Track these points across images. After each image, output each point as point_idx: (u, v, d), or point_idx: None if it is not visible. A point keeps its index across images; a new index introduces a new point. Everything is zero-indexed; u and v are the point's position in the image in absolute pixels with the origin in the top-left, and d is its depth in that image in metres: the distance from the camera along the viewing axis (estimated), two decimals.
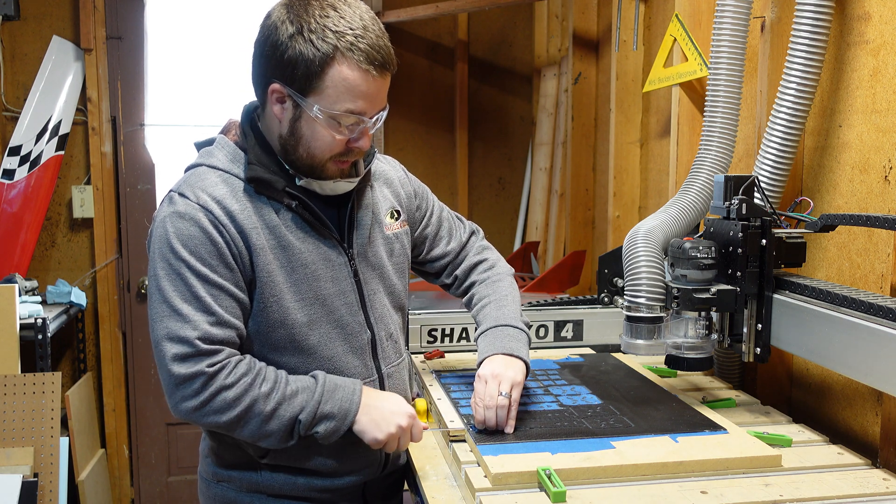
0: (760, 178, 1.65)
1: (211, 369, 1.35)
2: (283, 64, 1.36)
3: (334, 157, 1.42)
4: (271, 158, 1.46)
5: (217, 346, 1.37)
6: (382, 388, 1.56)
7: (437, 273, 1.79)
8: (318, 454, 1.50)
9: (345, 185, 1.49)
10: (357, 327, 1.51)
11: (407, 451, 1.57)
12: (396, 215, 1.62)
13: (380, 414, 1.43)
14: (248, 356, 1.42)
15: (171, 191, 1.44)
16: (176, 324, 1.36)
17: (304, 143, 1.41)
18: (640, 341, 1.63)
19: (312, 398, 1.40)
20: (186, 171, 1.49)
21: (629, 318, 1.64)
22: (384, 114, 1.43)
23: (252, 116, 1.49)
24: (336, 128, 1.39)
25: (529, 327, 1.69)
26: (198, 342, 1.35)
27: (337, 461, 1.51)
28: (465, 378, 1.82)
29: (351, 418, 1.41)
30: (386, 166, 1.69)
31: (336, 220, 1.51)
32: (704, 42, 2.08)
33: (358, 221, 1.53)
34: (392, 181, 1.66)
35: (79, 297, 3.39)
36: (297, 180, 1.46)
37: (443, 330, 2.13)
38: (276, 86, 1.39)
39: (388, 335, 1.58)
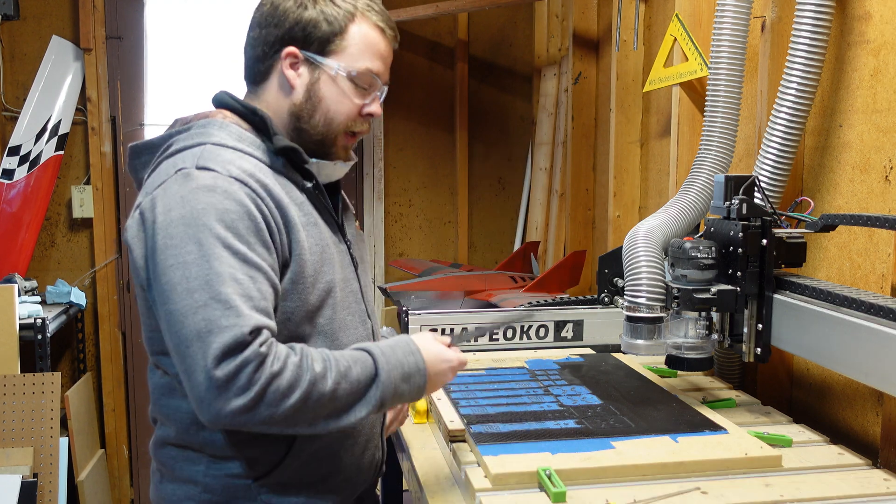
0: (761, 177, 1.64)
1: (258, 358, 1.15)
2: (301, 26, 1.33)
3: (352, 125, 1.39)
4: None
5: (260, 334, 1.18)
6: None
7: None
8: (313, 470, 1.37)
9: (342, 169, 1.46)
10: (363, 315, 1.46)
11: (407, 450, 1.57)
12: (357, 219, 1.61)
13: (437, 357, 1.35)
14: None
15: (179, 169, 1.25)
16: (215, 312, 1.15)
17: (324, 107, 1.36)
18: (640, 341, 1.63)
19: (375, 362, 1.27)
20: (174, 153, 1.31)
21: (629, 318, 1.64)
22: (386, 90, 1.43)
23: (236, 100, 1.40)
24: (354, 89, 1.36)
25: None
26: (243, 330, 1.14)
27: (332, 473, 1.39)
28: (464, 378, 1.82)
29: (422, 366, 1.31)
30: None
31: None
32: (705, 42, 2.08)
33: (347, 213, 1.53)
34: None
35: (78, 297, 3.38)
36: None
37: (443, 330, 2.12)
38: (290, 49, 1.34)
39: (379, 328, 1.56)
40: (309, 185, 1.37)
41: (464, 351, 1.41)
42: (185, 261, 1.18)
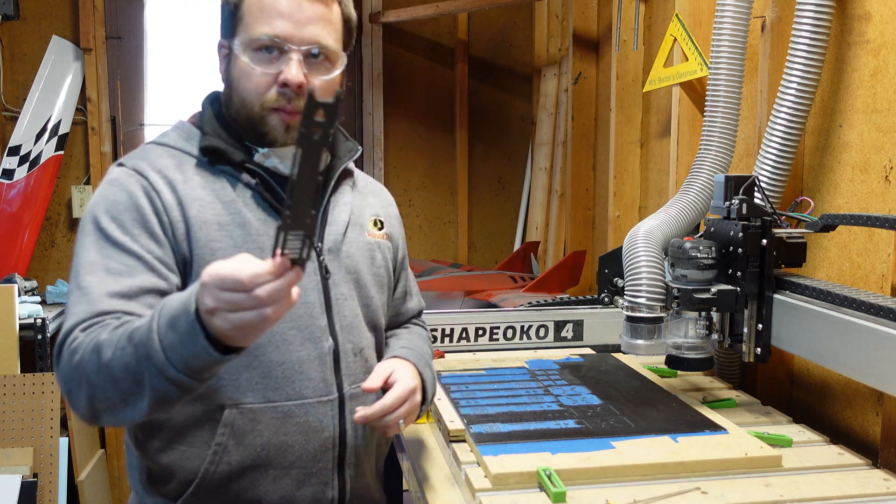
0: (761, 177, 1.64)
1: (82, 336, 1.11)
2: (221, 18, 1.32)
3: (268, 101, 1.26)
4: (231, 133, 1.33)
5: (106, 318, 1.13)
6: (342, 411, 1.32)
7: None
8: (233, 497, 1.27)
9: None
10: (317, 332, 1.29)
11: (407, 450, 1.57)
12: (380, 225, 1.46)
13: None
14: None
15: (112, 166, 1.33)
16: (75, 299, 1.16)
17: (235, 88, 1.29)
18: (640, 341, 1.63)
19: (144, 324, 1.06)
20: None
21: (629, 319, 1.64)
22: (342, 63, 1.30)
23: (217, 98, 1.38)
24: (257, 59, 1.25)
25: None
26: (86, 316, 1.13)
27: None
28: (465, 378, 1.82)
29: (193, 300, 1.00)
30: (378, 184, 1.58)
31: None
32: (704, 42, 2.08)
33: (333, 216, 1.36)
34: (380, 194, 1.53)
35: None
36: (254, 155, 1.32)
37: (443, 330, 2.12)
38: (220, 41, 1.33)
39: (357, 350, 1.35)
40: (254, 181, 1.29)
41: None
42: (76, 251, 1.23)
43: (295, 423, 1.27)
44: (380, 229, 1.46)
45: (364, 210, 1.44)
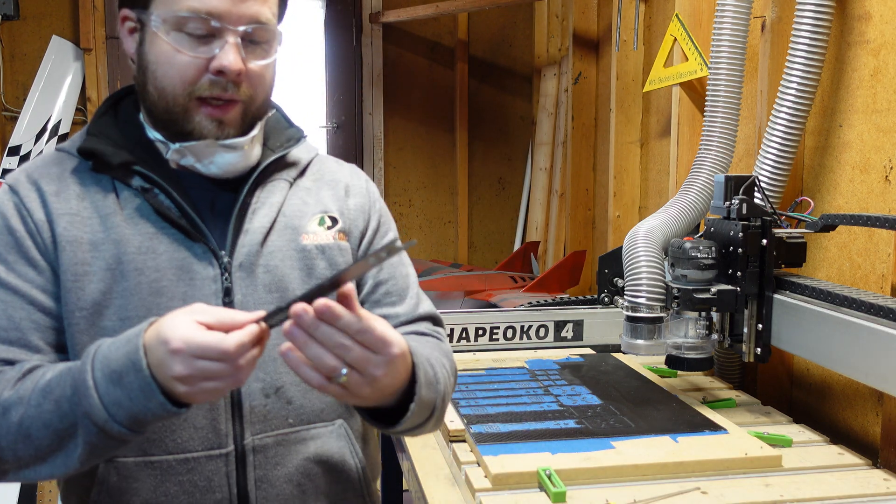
0: (761, 177, 1.65)
1: None
2: None
3: (199, 90, 1.06)
4: (124, 130, 1.13)
5: None
6: (242, 468, 1.11)
7: None
8: None
9: (230, 158, 1.11)
10: None
11: (407, 450, 1.57)
12: (330, 223, 1.20)
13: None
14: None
15: None
16: None
17: (151, 74, 1.07)
18: (640, 341, 1.63)
19: (70, 377, 0.96)
20: None
21: (629, 318, 1.64)
22: (279, 42, 1.10)
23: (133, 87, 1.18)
24: (182, 41, 1.04)
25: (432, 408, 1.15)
26: None
27: None
28: (464, 378, 1.82)
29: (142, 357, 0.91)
30: (344, 169, 1.29)
31: (220, 217, 1.13)
32: (704, 42, 2.08)
33: (251, 222, 1.13)
34: (338, 184, 1.25)
35: None
36: (167, 153, 1.11)
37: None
38: (123, 12, 1.11)
39: (272, 390, 1.12)
40: (141, 185, 1.10)
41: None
42: None
43: (177, 482, 1.09)
44: (329, 228, 1.20)
45: (305, 208, 1.20)
